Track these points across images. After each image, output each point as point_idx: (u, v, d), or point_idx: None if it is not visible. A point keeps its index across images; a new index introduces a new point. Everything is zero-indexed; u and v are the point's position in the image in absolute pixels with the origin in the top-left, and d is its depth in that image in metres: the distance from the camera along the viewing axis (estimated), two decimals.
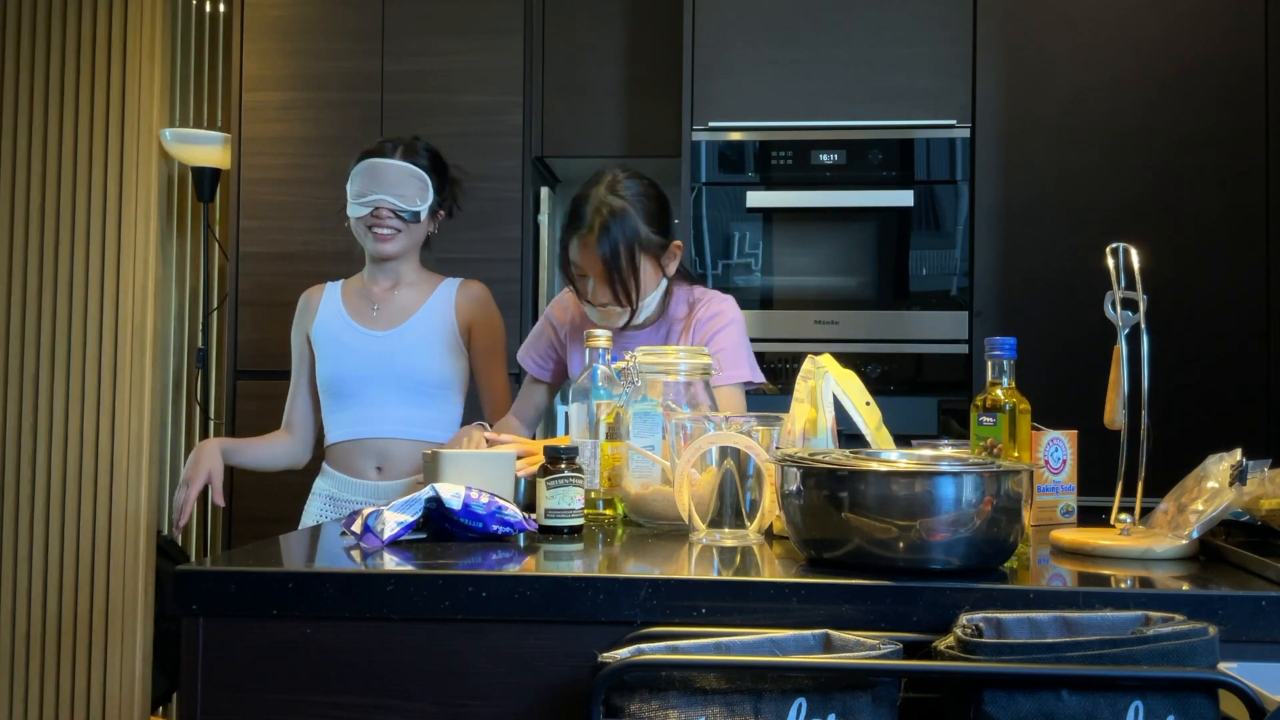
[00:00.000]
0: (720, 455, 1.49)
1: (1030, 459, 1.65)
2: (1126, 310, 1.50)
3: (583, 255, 2.18)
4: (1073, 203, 3.35)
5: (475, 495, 1.48)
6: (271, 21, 3.79)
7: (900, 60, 3.43)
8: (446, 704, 1.20)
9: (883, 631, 1.15)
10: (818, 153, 3.46)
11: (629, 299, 2.17)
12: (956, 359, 3.38)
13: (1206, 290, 3.29)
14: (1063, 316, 3.28)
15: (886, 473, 1.23)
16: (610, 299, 2.18)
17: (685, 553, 1.43)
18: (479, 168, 3.77)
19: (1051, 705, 1.03)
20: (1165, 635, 1.04)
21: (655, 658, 1.06)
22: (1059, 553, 1.46)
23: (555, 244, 4.11)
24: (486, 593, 1.20)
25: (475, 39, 3.77)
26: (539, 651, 1.20)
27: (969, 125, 3.40)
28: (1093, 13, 3.37)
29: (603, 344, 1.87)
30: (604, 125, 3.87)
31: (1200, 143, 3.32)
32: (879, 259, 3.47)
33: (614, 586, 1.19)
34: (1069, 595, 1.19)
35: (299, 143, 3.76)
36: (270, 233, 3.71)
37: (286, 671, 1.21)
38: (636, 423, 1.73)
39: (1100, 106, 3.35)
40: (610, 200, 2.16)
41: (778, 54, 3.47)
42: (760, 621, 1.17)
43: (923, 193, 3.42)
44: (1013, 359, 1.64)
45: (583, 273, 2.20)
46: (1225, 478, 1.41)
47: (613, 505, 1.77)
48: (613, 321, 2.21)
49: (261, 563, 1.28)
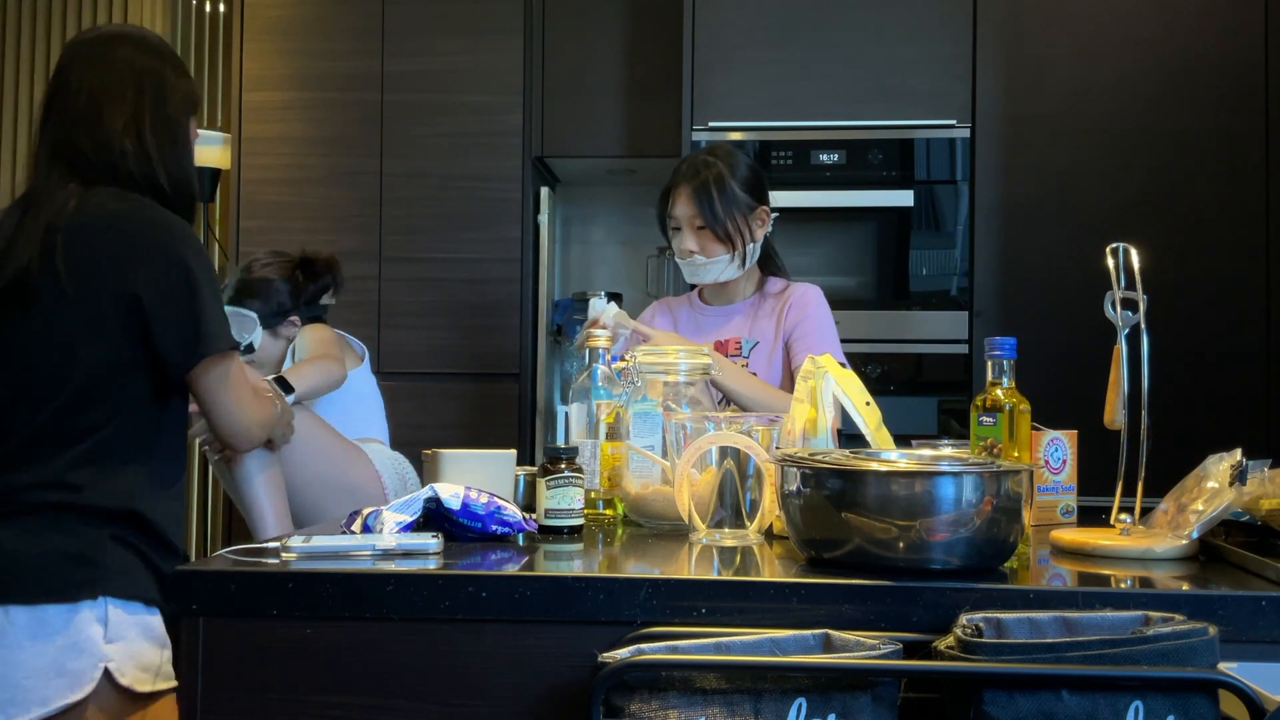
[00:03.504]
0: (720, 455, 1.49)
1: (1030, 459, 1.65)
2: (1126, 310, 1.50)
3: (678, 204, 2.41)
4: (1073, 203, 3.35)
5: (474, 495, 1.48)
6: (271, 21, 3.79)
7: (900, 60, 3.43)
8: (446, 704, 1.20)
9: (883, 631, 1.15)
10: (818, 153, 3.46)
11: (729, 240, 2.38)
12: (956, 359, 3.37)
13: (1206, 290, 3.29)
14: (1063, 316, 3.28)
15: (886, 473, 1.23)
16: (699, 248, 2.39)
17: (685, 553, 1.43)
18: (479, 168, 3.78)
19: (1051, 705, 1.03)
20: (1165, 635, 1.04)
21: (655, 658, 1.06)
22: (1059, 553, 1.46)
23: (555, 244, 4.12)
24: (486, 593, 1.20)
25: (475, 39, 3.77)
26: (539, 651, 1.19)
27: (969, 125, 3.40)
28: (1093, 13, 3.37)
29: (603, 344, 1.87)
30: (604, 125, 3.88)
31: (1200, 142, 3.32)
32: (879, 259, 3.47)
33: (614, 586, 1.19)
34: (1069, 595, 1.19)
35: (299, 143, 3.77)
36: (270, 233, 3.72)
37: (286, 671, 1.21)
38: (636, 423, 1.73)
39: (1100, 106, 3.35)
40: (706, 158, 2.43)
41: (778, 54, 3.47)
42: (760, 621, 1.17)
43: (923, 193, 3.42)
44: (1013, 359, 1.64)
45: (676, 225, 2.43)
46: (1225, 478, 1.41)
47: (613, 505, 1.77)
48: (700, 275, 2.43)
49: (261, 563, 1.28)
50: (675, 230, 2.43)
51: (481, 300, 3.74)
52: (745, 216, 2.40)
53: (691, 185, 2.39)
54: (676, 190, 2.42)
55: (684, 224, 2.40)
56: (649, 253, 4.31)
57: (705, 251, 2.39)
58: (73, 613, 1.66)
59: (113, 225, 1.74)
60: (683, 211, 2.40)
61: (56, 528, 1.68)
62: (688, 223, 2.39)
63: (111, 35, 1.88)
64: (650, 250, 4.30)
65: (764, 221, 2.46)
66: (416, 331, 3.76)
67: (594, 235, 4.47)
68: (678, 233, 2.43)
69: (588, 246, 4.45)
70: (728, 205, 2.37)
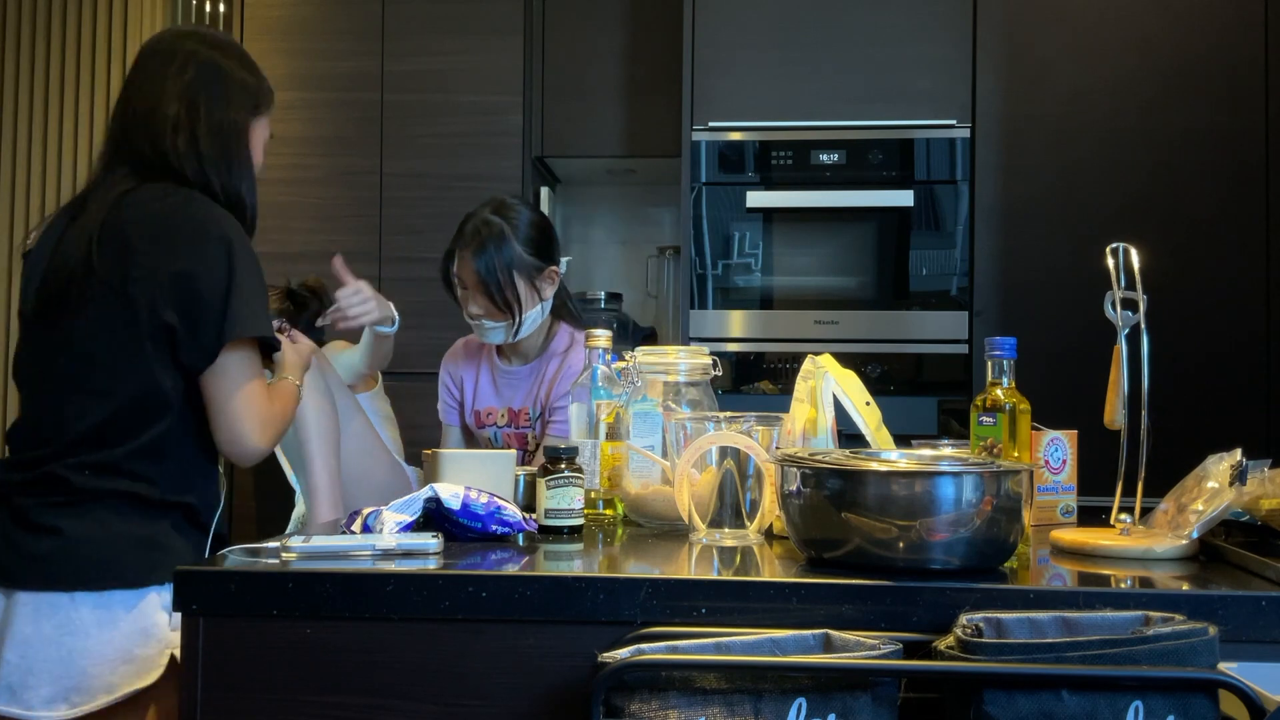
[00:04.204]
0: (720, 455, 1.49)
1: (1030, 459, 1.65)
2: (1126, 310, 1.50)
3: (460, 267, 2.38)
4: (1073, 203, 3.35)
5: (474, 495, 1.48)
6: (271, 21, 3.79)
7: (900, 60, 3.43)
8: (446, 704, 1.20)
9: (883, 631, 1.15)
10: (818, 153, 3.46)
11: (509, 308, 2.34)
12: (956, 359, 3.37)
13: (1206, 290, 3.29)
14: (1063, 316, 3.28)
15: (886, 473, 1.23)
16: (484, 311, 2.36)
17: (685, 553, 1.43)
18: (479, 168, 3.78)
19: (1051, 705, 1.03)
20: (1165, 635, 1.04)
21: (655, 658, 1.06)
22: (1059, 553, 1.46)
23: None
24: (486, 593, 1.20)
25: (475, 39, 3.77)
26: (539, 651, 1.19)
27: (969, 125, 3.40)
28: (1093, 13, 3.37)
29: (603, 344, 1.87)
30: (604, 125, 3.88)
31: (1200, 141, 3.32)
32: (879, 259, 3.47)
33: (614, 586, 1.19)
34: (1069, 595, 1.19)
35: (299, 143, 3.77)
36: (270, 233, 3.71)
37: (286, 671, 1.21)
38: (636, 423, 1.73)
39: (1100, 106, 3.35)
40: (490, 219, 2.36)
41: (778, 54, 3.47)
42: (760, 621, 1.17)
43: (923, 193, 3.42)
44: (1013, 359, 1.64)
45: (463, 284, 2.39)
46: (1225, 478, 1.41)
47: (613, 505, 1.77)
48: (489, 337, 2.41)
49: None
50: (462, 291, 2.39)
51: None
52: (531, 280, 2.36)
53: (472, 248, 2.33)
54: (461, 253, 2.36)
55: (469, 287, 2.36)
56: (649, 253, 4.31)
57: (490, 315, 2.36)
58: (139, 599, 1.66)
59: (153, 218, 1.73)
60: (467, 275, 2.36)
61: (119, 516, 1.69)
62: (474, 286, 2.35)
63: (180, 34, 1.87)
64: (650, 250, 4.30)
65: (553, 280, 2.42)
66: (416, 331, 3.75)
67: (594, 235, 4.47)
68: (464, 293, 2.39)
69: (588, 246, 4.45)
70: (508, 271, 2.32)
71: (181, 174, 1.78)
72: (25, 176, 4.00)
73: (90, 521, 1.67)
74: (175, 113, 1.78)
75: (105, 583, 1.65)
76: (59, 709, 1.64)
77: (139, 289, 1.70)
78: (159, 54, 1.82)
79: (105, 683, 1.64)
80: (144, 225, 1.72)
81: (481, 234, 2.34)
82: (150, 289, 1.70)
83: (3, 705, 1.64)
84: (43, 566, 1.65)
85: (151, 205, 1.74)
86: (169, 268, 1.70)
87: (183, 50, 1.82)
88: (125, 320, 1.70)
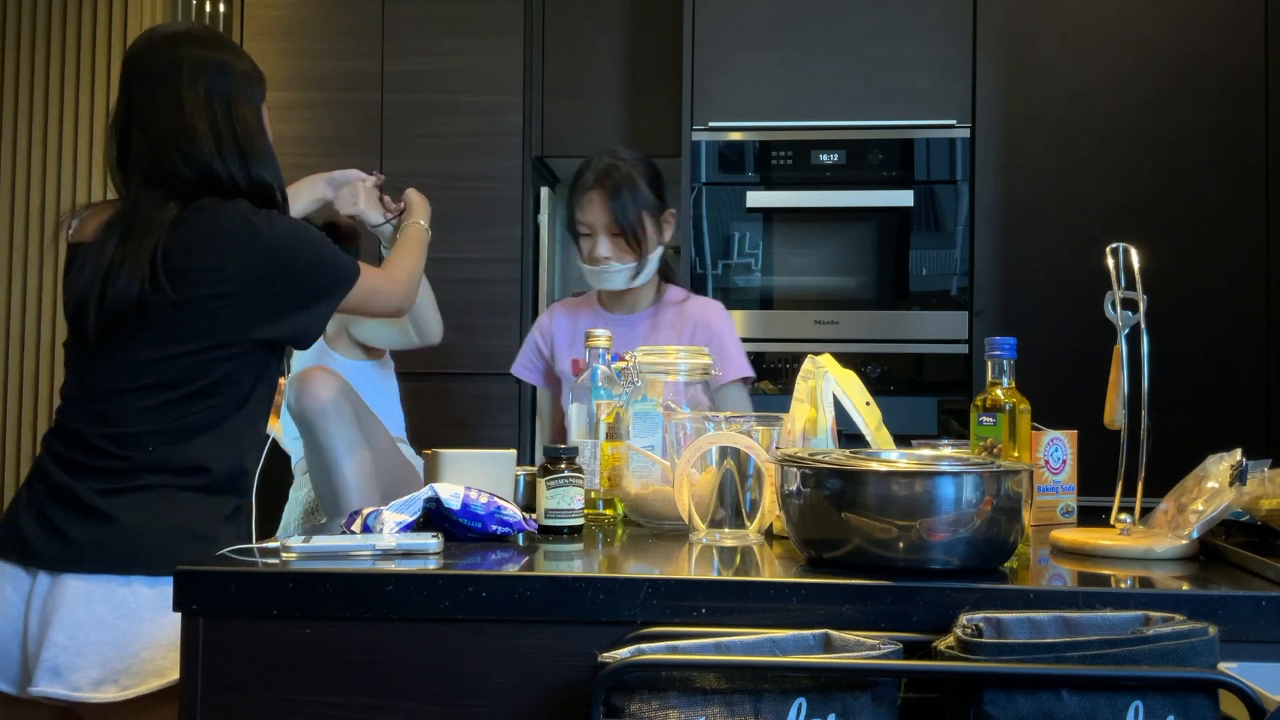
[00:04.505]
0: (720, 455, 1.49)
1: (1030, 459, 1.65)
2: (1126, 310, 1.50)
3: (587, 211, 2.39)
4: (1072, 203, 3.35)
5: (474, 495, 1.48)
6: (271, 21, 3.79)
7: (900, 60, 3.43)
8: (446, 704, 1.20)
9: (883, 631, 1.15)
10: (818, 153, 3.46)
11: (639, 244, 2.36)
12: (956, 359, 3.38)
13: (1206, 290, 3.29)
14: (1063, 316, 3.28)
15: (886, 473, 1.23)
16: (612, 254, 2.37)
17: (685, 553, 1.43)
18: (479, 168, 3.78)
19: (1051, 705, 1.03)
20: (1165, 635, 1.04)
21: (655, 658, 1.06)
22: (1059, 553, 1.46)
23: (556, 243, 4.12)
24: (486, 593, 1.20)
25: (475, 39, 3.77)
26: (539, 651, 1.19)
27: (969, 125, 3.40)
28: (1093, 13, 3.37)
29: (603, 344, 1.87)
30: (604, 125, 3.87)
31: (1200, 142, 3.32)
32: (879, 259, 3.47)
33: (614, 586, 1.19)
34: (1069, 595, 1.19)
35: (299, 143, 3.77)
36: None
37: (286, 671, 1.21)
38: (636, 423, 1.73)
39: (1100, 106, 3.35)
40: (615, 162, 2.40)
41: (778, 54, 3.47)
42: (760, 621, 1.17)
43: (923, 193, 3.42)
44: (1013, 359, 1.64)
45: (587, 231, 2.40)
46: (1225, 478, 1.41)
47: (613, 505, 1.77)
48: (612, 282, 2.40)
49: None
50: (586, 236, 2.41)
51: (481, 300, 3.73)
52: (655, 219, 2.40)
53: (604, 189, 2.37)
54: (588, 195, 2.39)
55: (598, 230, 2.38)
56: None
57: (619, 257, 2.38)
58: None
59: (208, 229, 1.74)
60: (596, 217, 2.37)
61: (177, 506, 1.72)
62: (604, 228, 2.37)
63: (169, 40, 1.83)
64: None
65: (671, 223, 2.46)
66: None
67: None
68: (588, 238, 2.40)
69: None
70: (638, 209, 2.36)
71: (225, 188, 1.79)
72: (25, 176, 4.00)
73: (144, 510, 1.70)
74: (205, 131, 1.78)
75: (163, 568, 1.65)
76: (108, 691, 1.65)
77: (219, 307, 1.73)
78: (160, 68, 1.79)
79: (157, 666, 1.66)
80: (200, 240, 1.74)
81: (613, 175, 2.37)
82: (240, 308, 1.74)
83: (46, 686, 1.64)
84: (96, 551, 1.67)
85: (201, 222, 1.75)
86: (229, 280, 1.73)
87: (184, 60, 1.80)
88: (187, 336, 1.73)
